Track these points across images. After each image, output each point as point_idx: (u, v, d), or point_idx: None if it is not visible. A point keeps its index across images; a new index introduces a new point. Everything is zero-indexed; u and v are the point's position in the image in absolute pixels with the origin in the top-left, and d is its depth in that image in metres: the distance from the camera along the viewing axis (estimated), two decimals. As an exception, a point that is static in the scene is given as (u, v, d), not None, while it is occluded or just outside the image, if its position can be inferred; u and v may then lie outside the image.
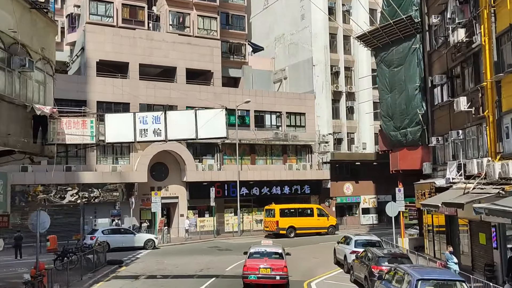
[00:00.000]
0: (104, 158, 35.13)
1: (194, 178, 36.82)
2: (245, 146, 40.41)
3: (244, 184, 38.92)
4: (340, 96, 44.97)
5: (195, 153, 38.44)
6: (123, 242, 28.24)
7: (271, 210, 36.09)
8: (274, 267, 16.70)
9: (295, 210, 36.53)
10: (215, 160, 38.81)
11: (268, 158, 41.57)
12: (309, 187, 41.89)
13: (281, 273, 16.64)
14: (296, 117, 43.01)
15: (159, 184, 36.67)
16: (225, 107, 17.26)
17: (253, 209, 40.44)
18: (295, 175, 40.97)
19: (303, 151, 43.14)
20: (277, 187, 40.57)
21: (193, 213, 37.83)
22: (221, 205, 38.84)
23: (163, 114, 16.89)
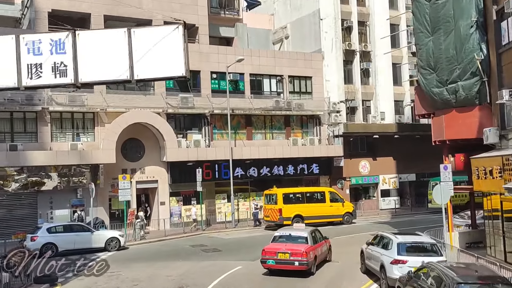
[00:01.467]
0: (61, 134, 27.90)
1: (176, 157, 29.66)
2: (239, 118, 33.15)
3: (239, 164, 31.81)
4: (353, 56, 37.49)
5: (178, 127, 31.21)
6: (75, 243, 21.27)
7: (272, 196, 29.02)
8: (293, 252, 15.99)
9: (302, 194, 29.44)
10: (202, 135, 31.60)
11: (268, 132, 34.33)
12: (317, 166, 34.77)
13: (300, 258, 15.83)
14: (300, 82, 35.63)
15: (133, 165, 29.54)
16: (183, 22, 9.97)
17: (251, 194, 33.37)
18: (301, 151, 33.77)
19: (310, 123, 35.87)
20: (279, 167, 33.45)
21: (176, 201, 30.76)
22: (211, 190, 31.76)
23: (71, 37, 9.47)
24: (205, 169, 30.71)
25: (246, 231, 28.75)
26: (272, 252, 16.18)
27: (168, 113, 30.32)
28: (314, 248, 16.65)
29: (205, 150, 30.71)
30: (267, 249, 16.41)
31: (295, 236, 16.98)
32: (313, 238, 17.01)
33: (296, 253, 15.90)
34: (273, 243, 16.91)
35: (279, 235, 17.41)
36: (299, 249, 16.01)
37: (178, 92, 30.86)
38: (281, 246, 16.39)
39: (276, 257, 16.03)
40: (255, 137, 33.73)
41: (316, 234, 17.73)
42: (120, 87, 29.20)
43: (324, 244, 18.11)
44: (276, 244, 16.69)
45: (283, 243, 16.69)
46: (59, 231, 21.27)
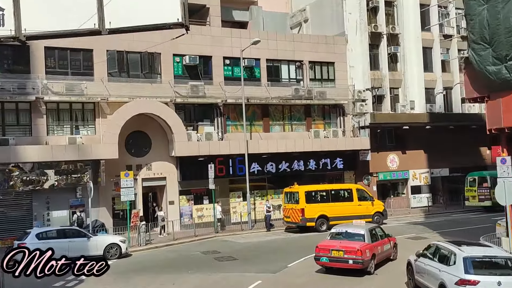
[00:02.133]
0: (58, 127, 25.13)
1: (186, 152, 26.73)
2: (255, 108, 30.10)
3: (255, 159, 28.79)
4: (380, 39, 34.14)
5: (188, 118, 28.27)
6: (69, 250, 18.27)
7: (294, 194, 25.95)
8: (347, 249, 15.37)
9: (327, 192, 26.30)
10: (214, 127, 28.61)
11: (287, 123, 31.21)
12: (341, 160, 31.58)
13: (355, 257, 15.18)
14: (322, 68, 32.42)
15: (139, 161, 26.69)
16: None
17: (268, 192, 30.33)
18: (323, 145, 30.61)
19: (333, 113, 32.66)
20: (300, 162, 30.36)
21: (187, 200, 27.85)
22: (224, 187, 28.80)
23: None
24: (218, 164, 27.77)
25: (264, 234, 25.74)
26: (325, 249, 15.67)
27: (176, 103, 27.38)
28: (372, 246, 15.77)
29: (218, 143, 27.73)
30: (320, 246, 15.94)
31: (351, 233, 16.28)
32: (372, 236, 16.20)
33: (350, 251, 15.22)
34: (328, 240, 16.30)
35: (336, 232, 16.78)
36: (354, 246, 15.28)
37: (187, 79, 27.90)
38: (336, 243, 15.78)
39: (330, 254, 15.49)
40: (272, 129, 30.65)
41: (377, 231, 16.89)
42: (123, 75, 26.35)
43: (387, 242, 17.10)
44: (331, 241, 16.08)
45: (338, 240, 16.05)
46: (50, 237, 18.46)
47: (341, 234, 16.46)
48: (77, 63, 25.58)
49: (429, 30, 35.88)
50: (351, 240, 15.79)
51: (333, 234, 16.73)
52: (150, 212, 27.25)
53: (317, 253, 15.90)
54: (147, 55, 26.75)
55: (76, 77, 25.05)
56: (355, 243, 15.54)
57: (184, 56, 27.67)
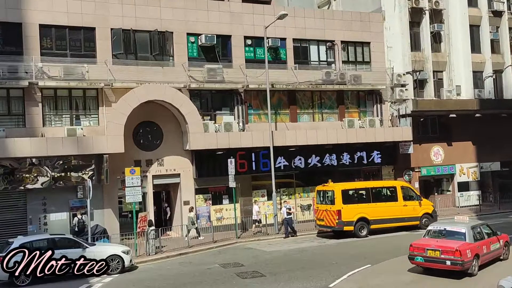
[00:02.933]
0: (56, 117, 21.90)
1: (202, 145, 23.26)
2: (280, 94, 26.45)
3: (281, 152, 25.20)
4: (421, 16, 30.08)
5: (204, 106, 24.79)
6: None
7: (328, 193, 22.28)
8: (444, 249, 13.93)
9: (367, 191, 22.49)
10: (235, 116, 25.06)
11: (317, 112, 27.47)
12: (379, 153, 27.75)
13: (453, 257, 13.72)
14: (356, 49, 28.54)
15: (149, 155, 23.33)
16: None
17: (296, 190, 26.69)
18: (360, 136, 26.79)
19: (369, 100, 28.79)
20: (332, 156, 26.63)
21: (204, 199, 24.41)
22: (246, 185, 25.27)
23: None
24: (238, 159, 24.27)
25: (293, 239, 22.16)
26: (420, 248, 14.41)
27: (191, 89, 23.92)
28: (474, 246, 14.27)
29: (239, 135, 24.18)
30: (415, 244, 14.67)
31: (451, 231, 14.88)
32: (475, 234, 14.72)
33: (447, 251, 13.89)
34: (424, 238, 15.02)
35: (433, 230, 15.38)
36: (451, 246, 13.93)
37: (203, 62, 24.40)
38: (432, 242, 14.52)
39: (425, 254, 14.22)
40: (300, 118, 26.95)
41: (482, 229, 15.29)
42: (130, 57, 22.99)
43: (495, 241, 15.37)
44: (427, 240, 14.80)
45: (435, 238, 14.81)
46: (37, 247, 15.16)
47: (439, 232, 15.08)
48: (77, 43, 22.29)
49: (476, 6, 31.67)
50: (450, 239, 14.42)
51: (430, 231, 15.31)
52: (162, 214, 23.94)
53: (411, 252, 14.62)
54: (157, 34, 23.34)
55: (76, 60, 21.77)
56: (454, 242, 14.15)
57: (199, 35, 24.18)
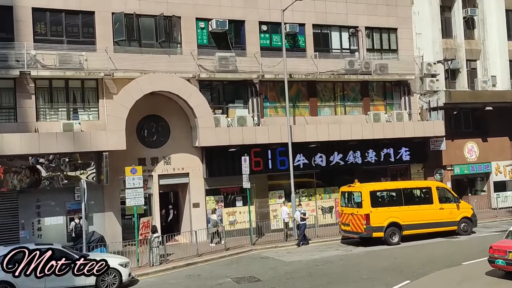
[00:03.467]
0: (52, 111, 19.81)
1: (214, 141, 20.97)
2: (299, 85, 24.07)
3: (301, 149, 22.83)
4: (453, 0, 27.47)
5: (215, 99, 22.55)
6: (46, 281, 12.99)
7: (353, 194, 19.84)
8: None
9: (398, 192, 19.91)
10: (249, 110, 22.74)
11: (339, 104, 25.02)
12: (408, 150, 25.21)
13: None
14: (382, 36, 26.02)
15: (154, 153, 21.12)
16: None
17: (317, 191, 24.27)
18: (386, 131, 24.27)
19: (396, 92, 26.25)
20: (356, 153, 24.16)
21: (215, 201, 22.13)
22: (262, 185, 22.93)
23: None
24: (253, 156, 21.97)
25: (315, 247, 19.78)
26: (501, 250, 13.35)
27: (201, 80, 21.68)
28: None
29: (254, 130, 21.84)
30: (495, 246, 13.68)
31: None
32: None
33: None
34: (506, 240, 13.87)
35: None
36: None
37: (214, 50, 22.13)
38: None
39: (507, 257, 13.15)
40: (321, 111, 24.54)
41: None
42: (134, 44, 20.83)
43: None
44: (509, 241, 13.58)
45: None
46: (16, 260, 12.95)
47: None
48: (75, 29, 20.18)
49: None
50: None
51: None
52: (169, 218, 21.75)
53: (491, 255, 13.58)
54: (163, 19, 21.13)
55: (73, 47, 19.67)
56: None
57: (210, 20, 21.91)
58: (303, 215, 20.19)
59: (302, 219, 20.07)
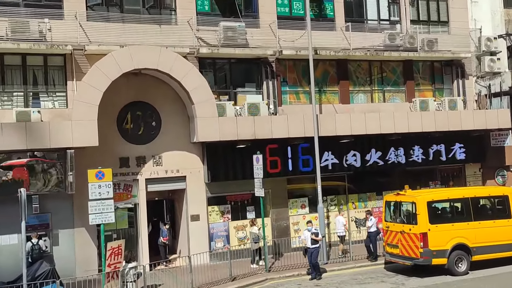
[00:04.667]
0: (4, 95, 15.18)
1: (216, 135, 16.03)
2: (326, 65, 19.10)
3: (329, 145, 17.88)
4: (518, -42, 22.09)
5: (220, 81, 17.73)
6: None
7: (403, 206, 14.73)
8: None
9: (465, 203, 14.53)
10: (263, 96, 17.88)
11: (377, 90, 19.97)
12: (462, 147, 20.08)
13: None
14: (429, 4, 20.86)
15: (140, 150, 16.34)
16: None
17: (350, 198, 19.22)
18: (439, 122, 19.05)
19: (446, 74, 21.09)
20: (398, 150, 19.11)
21: (220, 212, 17.25)
22: (280, 191, 18.00)
23: None
24: (269, 155, 17.13)
25: (352, 275, 14.78)
26: None
27: (201, 57, 16.91)
28: None
29: (269, 121, 16.88)
30: None
31: None
32: None
33: None
34: None
35: None
36: None
37: (218, 18, 17.29)
38: None
39: None
40: (354, 98, 19.54)
41: None
42: (112, 10, 16.10)
43: None
44: None
45: None
46: None
47: None
48: None
49: None
50: None
51: None
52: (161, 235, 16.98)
53: None
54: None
55: (31, 12, 15.00)
56: None
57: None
58: (315, 236, 14.84)
59: (313, 241, 14.65)
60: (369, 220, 16.38)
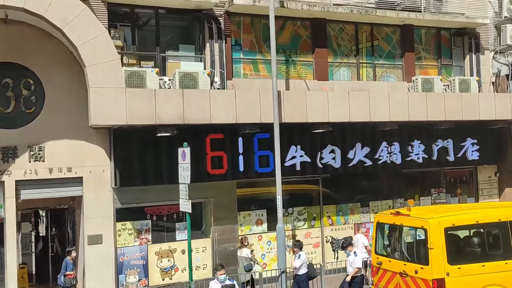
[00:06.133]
0: None
1: (121, 116, 10.36)
2: (297, 26, 13.81)
3: (297, 137, 12.71)
4: None
5: (142, 41, 12.16)
6: None
7: (404, 231, 9.48)
8: None
9: (502, 229, 9.38)
10: (205, 64, 12.46)
11: (365, 63, 14.71)
12: (475, 143, 15.04)
13: None
14: (437, -48, 15.64)
15: (10, 137, 10.73)
16: None
17: (325, 211, 13.91)
18: (448, 108, 13.82)
19: (456, 46, 15.96)
20: (392, 146, 13.93)
21: (135, 232, 11.74)
22: (226, 201, 12.56)
23: None
24: (210, 149, 11.82)
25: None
26: None
27: (112, 1, 11.38)
28: None
29: (207, 97, 11.27)
30: None
31: None
32: None
33: None
34: None
35: None
36: None
37: None
38: None
39: None
40: (334, 73, 14.25)
41: None
42: None
43: None
44: None
45: None
46: None
47: None
48: None
49: None
50: None
51: None
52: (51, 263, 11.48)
53: None
54: None
55: None
56: None
57: None
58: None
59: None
60: (297, 257, 11.10)
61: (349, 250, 11.09)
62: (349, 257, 10.98)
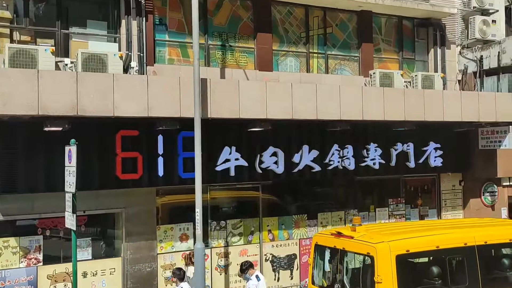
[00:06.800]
0: None
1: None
2: (236, 5, 11.77)
3: (231, 137, 10.57)
4: None
5: (39, 15, 9.83)
6: None
7: (348, 257, 7.45)
8: None
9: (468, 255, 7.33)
10: (120, 45, 10.23)
11: (317, 53, 12.75)
12: (439, 148, 13.29)
13: None
14: None
15: None
16: None
17: (265, 224, 11.86)
18: (409, 106, 11.93)
19: (420, 39, 14.24)
20: (345, 149, 12.00)
21: (21, 250, 9.40)
22: (142, 212, 10.34)
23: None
24: (120, 148, 9.59)
25: None
26: None
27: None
28: None
29: (110, 81, 9.01)
30: None
31: None
32: None
33: None
34: None
35: None
36: None
37: None
38: None
39: None
40: (280, 64, 12.23)
41: None
42: None
43: None
44: None
45: None
46: None
47: None
48: None
49: None
50: None
51: None
52: None
53: None
54: None
55: None
56: None
57: None
58: None
59: None
60: (250, 279, 8.94)
61: (249, 273, 8.89)
62: (249, 282, 8.79)
